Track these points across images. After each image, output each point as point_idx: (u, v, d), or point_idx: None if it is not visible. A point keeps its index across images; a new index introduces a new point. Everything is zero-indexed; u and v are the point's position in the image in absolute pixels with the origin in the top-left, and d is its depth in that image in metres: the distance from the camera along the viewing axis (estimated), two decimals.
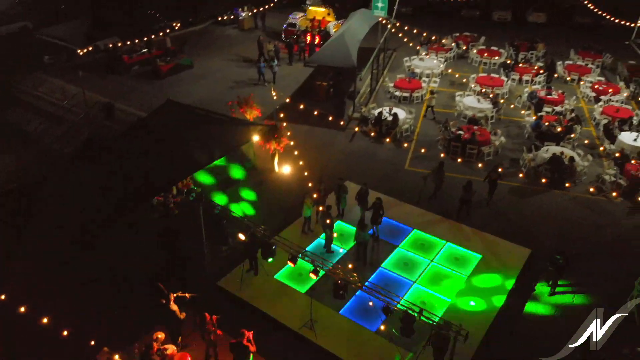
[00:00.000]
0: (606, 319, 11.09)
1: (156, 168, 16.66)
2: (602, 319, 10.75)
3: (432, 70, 30.58)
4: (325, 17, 36.48)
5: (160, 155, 17.24)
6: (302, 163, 19.20)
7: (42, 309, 12.05)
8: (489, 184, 19.33)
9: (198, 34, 38.90)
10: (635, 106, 27.00)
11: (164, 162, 16.96)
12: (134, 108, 25.74)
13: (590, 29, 41.61)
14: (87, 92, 26.32)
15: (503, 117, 26.44)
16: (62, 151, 23.14)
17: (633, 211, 19.34)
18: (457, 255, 16.78)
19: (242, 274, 15.33)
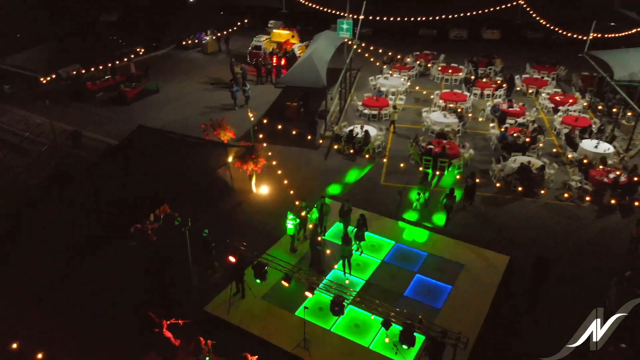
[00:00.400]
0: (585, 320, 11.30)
1: (132, 196, 16.41)
2: (602, 319, 10.94)
3: (397, 88, 31.35)
4: (290, 39, 36.95)
5: (136, 183, 17.02)
6: (285, 182, 19.30)
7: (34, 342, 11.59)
8: (467, 191, 20.06)
9: (161, 58, 38.68)
10: (592, 115, 28.40)
11: (140, 189, 16.72)
12: (103, 135, 25.23)
13: (542, 43, 43.74)
14: (50, 121, 25.76)
15: (469, 130, 27.30)
16: (27, 183, 22.38)
17: (600, 214, 20.23)
18: (441, 265, 17.08)
19: (229, 297, 15.13)
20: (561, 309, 15.38)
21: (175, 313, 13.31)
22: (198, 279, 15.45)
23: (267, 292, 15.69)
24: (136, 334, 13.00)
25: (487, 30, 46.47)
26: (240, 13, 45.66)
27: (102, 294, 15.31)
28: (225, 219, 19.19)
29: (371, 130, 25.02)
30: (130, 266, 16.42)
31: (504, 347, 14.21)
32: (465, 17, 41.75)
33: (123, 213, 16.10)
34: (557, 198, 21.34)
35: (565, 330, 13.77)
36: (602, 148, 23.75)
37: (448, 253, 17.61)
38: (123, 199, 16.27)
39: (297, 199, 18.50)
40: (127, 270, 16.10)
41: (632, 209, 20.42)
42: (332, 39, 30.73)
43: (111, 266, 16.13)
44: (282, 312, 15.08)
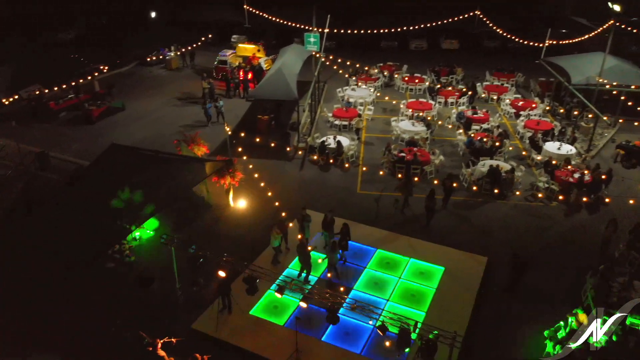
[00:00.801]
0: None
1: (108, 218, 16.09)
2: (602, 319, 11.18)
3: (364, 99, 31.89)
4: (256, 53, 37.08)
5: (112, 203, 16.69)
6: (269, 194, 19.34)
7: None
8: (444, 191, 20.76)
9: (125, 76, 38.09)
10: (552, 119, 29.63)
11: (117, 210, 16.41)
12: (71, 156, 24.57)
13: (499, 51, 45.43)
14: (15, 143, 25.02)
15: (436, 137, 28.00)
16: None
17: (568, 212, 21.09)
18: (422, 269, 17.42)
19: (217, 314, 14.99)
20: (541, 303, 15.95)
21: (163, 332, 13.08)
22: (183, 296, 15.22)
23: (254, 306, 15.61)
24: (128, 354, 12.70)
25: (446, 41, 47.97)
26: (203, 28, 45.58)
27: (87, 316, 14.90)
28: (205, 235, 18.97)
29: (343, 141, 25.35)
30: (113, 287, 16.06)
31: (491, 344, 14.57)
32: (425, 28, 42.99)
33: (100, 236, 15.78)
34: (527, 199, 22.14)
35: (545, 322, 14.41)
36: (565, 149, 24.83)
37: (428, 257, 17.97)
38: (100, 221, 15.96)
39: (280, 211, 18.53)
40: (109, 292, 15.70)
41: (598, 206, 21.39)
42: (300, 52, 31.06)
43: (92, 289, 15.73)
44: (271, 325, 15.02)
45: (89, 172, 19.15)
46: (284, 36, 44.78)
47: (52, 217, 16.75)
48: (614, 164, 24.90)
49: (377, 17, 47.88)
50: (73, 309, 15.10)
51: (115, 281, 16.53)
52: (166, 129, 28.22)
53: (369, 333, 14.72)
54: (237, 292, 15.22)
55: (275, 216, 18.76)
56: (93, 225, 15.90)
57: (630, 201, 21.24)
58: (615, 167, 24.11)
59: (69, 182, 20.65)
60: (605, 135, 28.13)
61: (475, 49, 46.79)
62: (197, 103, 32.27)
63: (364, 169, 24.24)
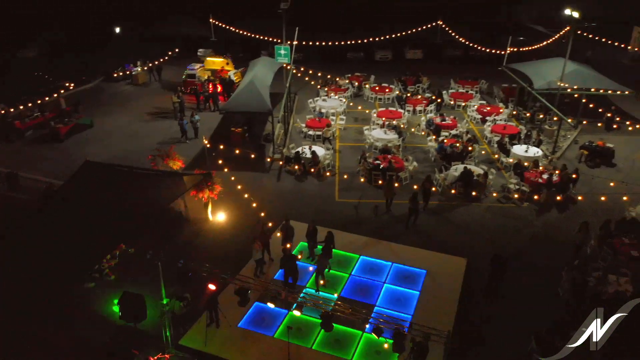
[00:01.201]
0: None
1: (88, 237, 15.79)
2: (602, 319, 11.14)
3: (336, 109, 32.26)
4: (225, 66, 37.04)
5: (90, 222, 16.38)
6: (254, 205, 19.26)
7: None
8: (424, 193, 21.36)
9: (91, 92, 37.36)
10: (517, 123, 30.67)
11: (96, 229, 16.12)
12: (40, 175, 23.90)
13: (462, 60, 46.76)
14: None
15: (408, 145, 28.56)
16: None
17: (540, 212, 21.85)
18: (406, 274, 17.71)
19: (205, 328, 14.85)
20: (521, 299, 16.47)
21: (154, 348, 12.90)
22: (171, 312, 15.03)
23: (241, 318, 15.54)
24: None
25: (410, 51, 49.03)
26: (168, 43, 45.25)
27: (73, 337, 14.53)
28: (185, 250, 18.77)
29: (319, 151, 25.58)
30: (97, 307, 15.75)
31: (476, 342, 14.92)
32: (389, 39, 43.99)
33: (79, 256, 15.43)
34: (499, 200, 22.83)
35: (526, 317, 14.90)
36: (532, 152, 25.74)
37: (410, 261, 18.29)
38: (78, 241, 15.62)
39: (260, 223, 18.55)
40: (94, 312, 15.38)
41: (567, 205, 22.24)
42: (270, 64, 31.24)
43: (77, 309, 15.38)
44: (260, 336, 14.97)
45: (64, 191, 18.70)
46: (251, 49, 44.97)
47: (30, 238, 16.31)
48: (579, 164, 25.96)
49: (342, 28, 48.62)
50: (58, 328, 14.70)
51: (95, 300, 16.18)
52: (138, 144, 27.83)
53: (358, 339, 14.86)
54: (223, 305, 15.15)
55: (256, 229, 18.74)
56: (72, 245, 15.56)
57: (602, 198, 22.10)
58: (579, 167, 25.13)
59: (43, 201, 20.20)
60: (568, 137, 29.30)
61: (439, 58, 48.02)
62: (168, 118, 32.02)
63: (345, 176, 24.46)
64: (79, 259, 15.37)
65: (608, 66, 40.23)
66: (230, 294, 15.49)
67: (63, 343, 14.47)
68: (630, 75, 38.23)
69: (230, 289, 15.82)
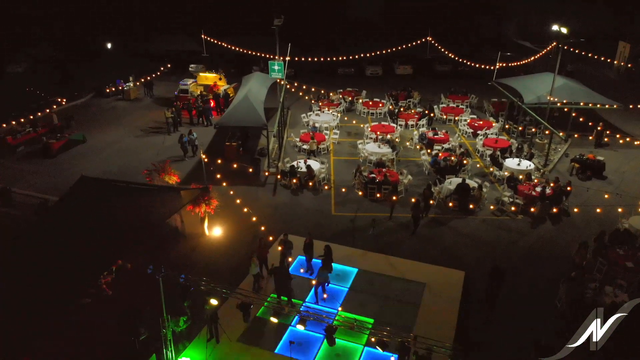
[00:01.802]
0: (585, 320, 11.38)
1: (85, 253, 15.61)
2: (602, 320, 11.17)
3: (329, 123, 32.47)
4: (217, 81, 37.16)
5: (89, 238, 16.23)
6: (254, 219, 19.19)
7: None
8: (424, 200, 22.03)
9: (82, 108, 37.24)
10: (508, 137, 31.08)
11: (93, 245, 15.96)
12: (33, 191, 23.67)
13: (451, 75, 47.42)
14: None
15: (401, 158, 28.79)
16: None
17: (534, 224, 22.07)
18: (404, 286, 17.73)
19: (205, 344, 14.72)
20: (519, 310, 16.57)
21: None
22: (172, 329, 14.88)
23: (241, 334, 15.42)
24: None
25: (400, 66, 49.66)
26: (159, 59, 45.39)
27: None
28: (185, 264, 18.64)
29: (314, 165, 25.67)
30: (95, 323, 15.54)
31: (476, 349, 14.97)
32: (379, 55, 44.52)
33: (76, 273, 15.26)
34: (494, 213, 23.04)
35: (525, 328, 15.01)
36: (524, 165, 26.07)
37: (408, 274, 18.33)
38: (75, 258, 15.44)
39: (257, 237, 18.55)
40: (91, 329, 15.16)
41: (560, 217, 22.50)
42: (263, 79, 31.45)
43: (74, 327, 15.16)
44: (261, 352, 14.84)
45: (60, 206, 18.51)
46: (242, 64, 45.22)
47: (27, 253, 16.09)
48: (570, 177, 26.34)
49: (333, 45, 49.14)
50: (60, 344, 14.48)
51: (93, 317, 15.95)
52: (131, 159, 27.72)
53: (359, 353, 14.81)
54: (223, 320, 15.05)
55: (254, 243, 18.69)
56: (69, 261, 15.38)
57: (598, 210, 22.43)
58: (571, 179, 25.47)
59: (37, 216, 20.02)
60: (559, 150, 29.74)
61: (428, 74, 48.65)
62: (160, 132, 31.98)
63: (343, 189, 24.57)
64: (77, 275, 15.20)
65: (594, 80, 41.17)
66: (229, 308, 15.46)
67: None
68: (616, 89, 39.12)
69: (229, 304, 15.78)
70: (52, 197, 22.14)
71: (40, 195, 22.78)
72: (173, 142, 29.22)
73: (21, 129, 29.79)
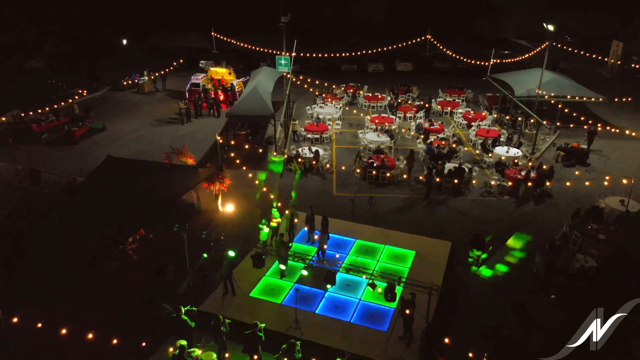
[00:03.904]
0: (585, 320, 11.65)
1: (112, 222, 17.71)
2: (602, 319, 11.37)
3: (332, 115, 34.61)
4: (226, 76, 39.35)
5: (117, 208, 18.35)
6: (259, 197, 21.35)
7: None
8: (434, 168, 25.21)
9: (99, 100, 39.52)
10: (500, 127, 33.14)
11: (122, 214, 18.10)
12: (60, 173, 25.87)
13: (449, 71, 49.48)
14: (2, 163, 26.30)
15: (399, 147, 30.89)
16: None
17: (518, 204, 24.14)
18: (397, 254, 19.87)
19: (221, 297, 16.90)
20: (500, 275, 18.65)
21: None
22: (192, 282, 17.08)
23: (253, 290, 17.60)
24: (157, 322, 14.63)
25: (401, 63, 51.77)
26: (171, 54, 47.63)
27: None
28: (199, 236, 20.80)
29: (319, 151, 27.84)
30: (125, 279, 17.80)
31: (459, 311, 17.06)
32: (381, 52, 46.62)
33: (108, 237, 17.40)
34: (482, 195, 25.12)
35: (504, 289, 16.99)
36: (512, 152, 28.13)
37: (401, 244, 20.45)
38: (104, 225, 17.57)
39: (268, 209, 20.76)
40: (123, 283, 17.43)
41: (543, 198, 24.57)
42: (270, 73, 33.63)
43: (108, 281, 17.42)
44: (271, 304, 17.03)
45: (90, 181, 20.70)
46: (250, 60, 47.43)
47: (62, 222, 18.26)
48: (556, 164, 28.36)
49: (337, 42, 51.20)
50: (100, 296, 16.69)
51: (122, 277, 18.15)
52: (148, 146, 29.93)
53: (355, 305, 16.96)
54: (238, 278, 17.26)
55: (263, 215, 20.84)
56: (99, 228, 17.51)
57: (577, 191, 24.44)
58: (556, 166, 27.50)
59: (66, 193, 22.21)
60: (547, 140, 31.78)
61: (428, 70, 50.75)
62: (174, 123, 34.20)
63: (343, 167, 26.81)
64: (106, 240, 17.35)
65: (588, 77, 43.19)
66: (243, 269, 17.71)
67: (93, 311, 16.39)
68: (608, 86, 41.11)
69: (242, 266, 18.02)
70: (78, 177, 24.33)
71: (67, 176, 24.95)
72: (187, 131, 31.49)
73: (45, 117, 32.04)
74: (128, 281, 17.80)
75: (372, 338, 15.51)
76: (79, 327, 14.08)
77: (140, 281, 17.63)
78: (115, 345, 13.54)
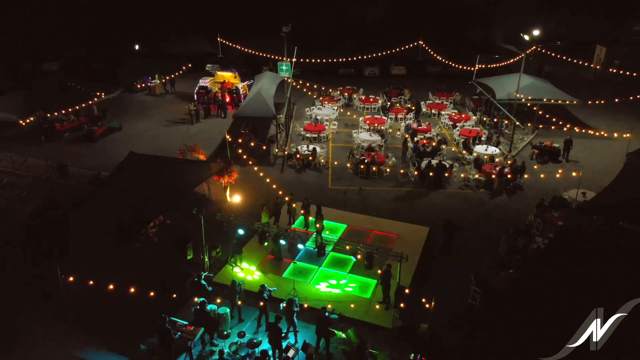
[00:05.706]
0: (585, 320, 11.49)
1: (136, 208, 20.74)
2: (602, 319, 11.39)
3: (329, 116, 37.71)
4: (232, 79, 42.48)
5: (140, 196, 21.40)
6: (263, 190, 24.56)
7: None
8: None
9: (113, 101, 42.66)
10: (482, 128, 36.25)
11: (146, 201, 21.17)
12: (83, 167, 28.94)
13: (440, 75, 52.60)
14: (31, 158, 29.40)
15: (390, 145, 33.97)
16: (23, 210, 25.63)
17: (491, 197, 27.23)
18: (381, 237, 22.98)
19: (231, 270, 20.05)
20: (468, 256, 21.68)
21: None
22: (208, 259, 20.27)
23: (258, 265, 20.73)
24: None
25: (395, 67, 54.91)
26: (179, 59, 50.80)
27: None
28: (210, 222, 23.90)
29: (316, 148, 30.97)
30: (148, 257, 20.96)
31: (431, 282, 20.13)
32: (376, 57, 49.72)
33: (130, 222, 20.47)
34: (460, 188, 28.22)
35: (471, 267, 19.98)
36: (491, 150, 31.21)
37: (385, 228, 23.56)
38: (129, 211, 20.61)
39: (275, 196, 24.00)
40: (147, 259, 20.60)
41: (515, 191, 27.67)
42: (273, 78, 36.76)
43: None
44: (272, 277, 20.15)
45: (116, 174, 23.77)
46: (253, 64, 50.57)
47: (92, 208, 21.32)
48: (531, 161, 31.43)
49: (335, 48, 54.37)
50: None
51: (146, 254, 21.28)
52: (162, 144, 33.04)
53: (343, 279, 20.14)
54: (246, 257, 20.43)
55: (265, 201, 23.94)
56: (125, 214, 20.56)
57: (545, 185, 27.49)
58: (531, 163, 30.62)
59: (92, 186, 25.31)
60: (525, 139, 34.85)
61: (421, 74, 53.88)
62: (184, 123, 37.33)
63: (336, 162, 29.61)
64: (131, 224, 20.42)
65: (573, 81, 46.22)
66: (250, 247, 20.88)
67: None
68: (591, 89, 44.14)
69: (249, 246, 21.19)
70: (102, 172, 27.43)
71: (91, 170, 28.05)
72: (196, 130, 34.59)
73: (66, 118, 35.18)
74: (152, 257, 20.86)
75: (356, 304, 18.66)
76: (120, 285, 17.14)
77: (161, 257, 20.72)
78: (152, 297, 16.64)
